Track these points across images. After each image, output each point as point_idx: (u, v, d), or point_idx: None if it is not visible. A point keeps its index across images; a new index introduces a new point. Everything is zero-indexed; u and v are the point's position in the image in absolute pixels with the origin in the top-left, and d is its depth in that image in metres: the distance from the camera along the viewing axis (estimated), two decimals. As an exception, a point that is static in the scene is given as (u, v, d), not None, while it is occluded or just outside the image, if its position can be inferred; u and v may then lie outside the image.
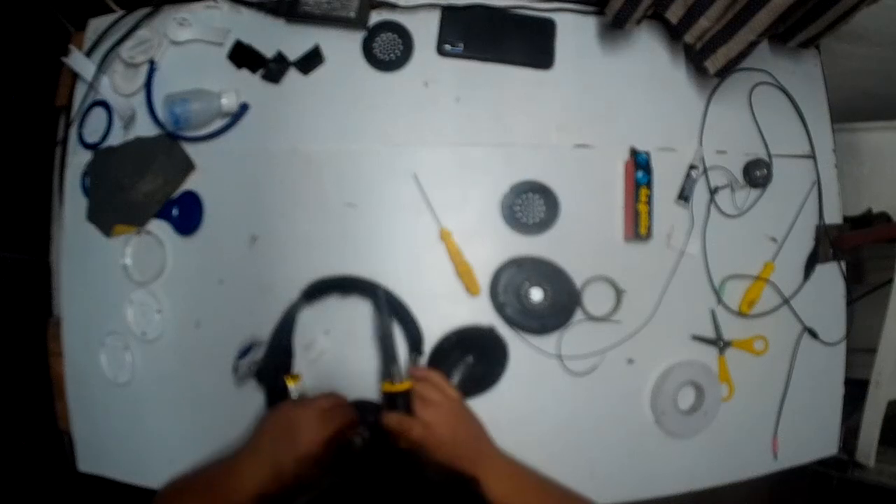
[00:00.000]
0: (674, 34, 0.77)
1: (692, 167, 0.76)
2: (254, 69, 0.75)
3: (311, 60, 0.75)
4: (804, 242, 0.79)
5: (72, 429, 0.76)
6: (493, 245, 0.73)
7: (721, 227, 0.76)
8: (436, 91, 0.75)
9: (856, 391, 0.79)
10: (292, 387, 0.65)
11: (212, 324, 0.73)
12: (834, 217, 0.80)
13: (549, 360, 0.73)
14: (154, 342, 0.73)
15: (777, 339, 0.77)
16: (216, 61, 0.75)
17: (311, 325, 0.71)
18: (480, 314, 0.72)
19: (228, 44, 0.75)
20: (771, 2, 0.61)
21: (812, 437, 0.79)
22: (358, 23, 0.74)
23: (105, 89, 0.76)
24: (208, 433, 0.69)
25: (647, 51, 0.78)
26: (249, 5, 0.76)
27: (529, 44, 0.76)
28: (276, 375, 0.67)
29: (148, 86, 0.75)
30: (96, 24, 0.79)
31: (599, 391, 0.73)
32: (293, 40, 0.75)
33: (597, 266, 0.73)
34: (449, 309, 0.71)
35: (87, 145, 0.77)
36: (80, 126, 0.78)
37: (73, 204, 0.77)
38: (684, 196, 0.75)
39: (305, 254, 0.72)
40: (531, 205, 0.73)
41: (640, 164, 0.74)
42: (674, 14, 0.73)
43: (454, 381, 0.69)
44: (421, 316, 0.70)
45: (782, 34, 0.77)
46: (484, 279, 0.72)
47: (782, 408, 0.77)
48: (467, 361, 0.70)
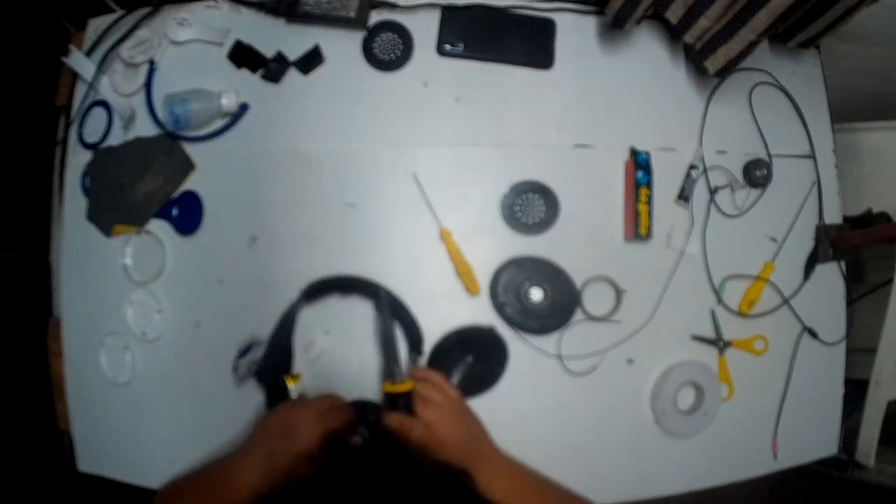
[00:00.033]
0: (674, 34, 0.77)
1: (692, 167, 0.76)
2: (254, 69, 0.75)
3: (311, 60, 0.75)
4: (804, 242, 0.79)
5: (72, 429, 0.76)
6: (492, 245, 0.73)
7: (721, 227, 0.76)
8: (436, 91, 0.75)
9: (856, 391, 0.79)
10: (292, 387, 0.65)
11: (212, 324, 0.73)
12: (834, 217, 0.80)
13: (548, 360, 0.73)
14: (154, 342, 0.73)
15: (777, 339, 0.77)
16: (216, 61, 0.75)
17: (311, 325, 0.71)
18: (480, 314, 0.72)
19: (228, 44, 0.75)
20: (771, 2, 0.61)
21: (812, 437, 0.79)
22: (358, 23, 0.74)
23: (105, 89, 0.76)
24: (208, 433, 0.69)
25: (647, 51, 0.78)
26: (249, 5, 0.76)
27: (529, 44, 0.76)
28: (276, 375, 0.67)
29: (148, 86, 0.75)
30: (96, 24, 0.79)
31: (599, 391, 0.73)
32: (293, 40, 0.75)
33: (597, 266, 0.73)
34: (449, 309, 0.71)
35: (87, 145, 0.77)
36: (80, 126, 0.78)
37: (73, 204, 0.77)
38: (684, 196, 0.75)
39: (305, 254, 0.72)
40: (531, 205, 0.73)
41: (640, 164, 0.74)
42: (674, 14, 0.73)
43: (454, 381, 0.69)
44: (421, 316, 0.70)
45: (782, 34, 0.77)
46: (484, 279, 0.72)
47: (782, 408, 0.77)
48: (467, 361, 0.70)
